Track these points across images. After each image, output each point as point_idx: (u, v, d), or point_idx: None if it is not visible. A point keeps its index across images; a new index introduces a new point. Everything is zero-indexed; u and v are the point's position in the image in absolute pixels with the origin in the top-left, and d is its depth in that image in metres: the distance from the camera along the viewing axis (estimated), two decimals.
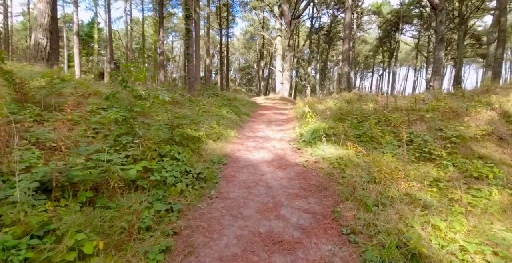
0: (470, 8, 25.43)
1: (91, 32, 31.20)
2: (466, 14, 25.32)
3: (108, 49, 24.21)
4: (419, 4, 31.48)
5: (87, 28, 32.77)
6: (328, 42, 35.81)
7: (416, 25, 34.60)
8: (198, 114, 7.08)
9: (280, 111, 11.26)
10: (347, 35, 14.18)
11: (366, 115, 6.66)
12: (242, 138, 6.59)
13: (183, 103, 8.47)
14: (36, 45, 10.58)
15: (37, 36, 10.66)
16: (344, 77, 14.37)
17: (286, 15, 22.81)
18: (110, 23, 23.41)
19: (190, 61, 11.28)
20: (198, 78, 16.73)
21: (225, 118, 7.81)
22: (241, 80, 53.95)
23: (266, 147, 5.76)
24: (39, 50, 10.57)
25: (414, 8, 32.12)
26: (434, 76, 19.42)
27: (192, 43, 11.39)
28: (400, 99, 8.74)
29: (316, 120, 6.69)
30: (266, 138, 6.65)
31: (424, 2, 31.63)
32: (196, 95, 11.41)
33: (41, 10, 10.40)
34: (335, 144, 5.10)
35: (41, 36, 10.59)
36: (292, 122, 8.68)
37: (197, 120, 6.29)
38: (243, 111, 9.91)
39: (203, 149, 4.97)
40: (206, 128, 6.01)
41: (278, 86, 22.78)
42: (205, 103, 9.02)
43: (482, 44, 33.69)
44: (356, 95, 9.68)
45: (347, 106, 8.24)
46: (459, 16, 25.06)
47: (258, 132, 7.44)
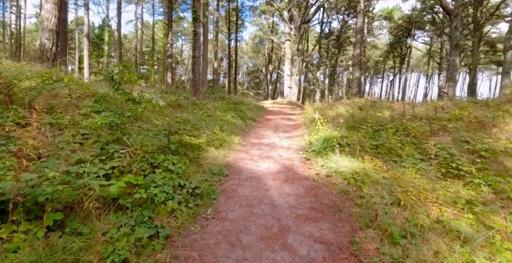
0: (485, 14, 24.59)
1: (102, 34, 31.40)
2: (481, 20, 24.47)
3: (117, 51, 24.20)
4: (432, 10, 30.73)
5: (98, 31, 33.06)
6: (337, 47, 35.24)
7: (428, 31, 33.78)
8: (200, 119, 6.63)
9: (287, 117, 10.75)
10: (358, 39, 13.65)
11: (382, 123, 6.10)
12: (246, 145, 6.10)
13: (187, 107, 8.05)
14: (42, 46, 10.37)
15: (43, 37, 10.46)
16: (355, 82, 13.80)
17: (295, 20, 22.42)
18: (120, 26, 23.42)
19: (196, 64, 10.91)
20: (205, 81, 16.39)
21: (229, 124, 7.35)
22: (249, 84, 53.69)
23: (272, 156, 5.26)
24: (45, 51, 10.35)
25: (427, 14, 31.37)
26: (448, 83, 18.68)
27: (200, 45, 11.03)
28: (417, 107, 8.14)
29: (327, 127, 6.16)
30: (273, 146, 6.14)
31: (436, 8, 30.89)
32: (202, 99, 11.01)
33: (48, 11, 10.20)
34: (349, 156, 4.56)
35: (46, 37, 10.37)
36: (301, 128, 8.16)
37: (199, 125, 5.84)
38: (249, 116, 9.44)
39: (203, 158, 4.50)
40: (208, 134, 5.55)
41: (286, 91, 22.30)
42: (209, 107, 8.59)
43: (496, 51, 32.62)
44: (369, 102, 9.11)
45: (360, 113, 7.69)
46: (474, 22, 24.22)
47: (264, 138, 6.94)
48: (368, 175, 3.78)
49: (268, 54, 37.39)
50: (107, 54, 30.70)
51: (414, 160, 4.49)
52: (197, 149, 4.61)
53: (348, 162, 4.37)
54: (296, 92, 23.18)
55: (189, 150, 4.40)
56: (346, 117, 7.54)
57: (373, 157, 4.56)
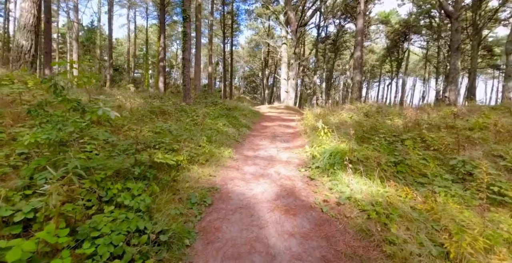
0: (483, 18, 24.18)
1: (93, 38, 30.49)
2: (480, 24, 24.01)
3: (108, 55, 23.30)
4: (428, 14, 30.36)
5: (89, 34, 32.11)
6: (334, 51, 34.68)
7: (425, 35, 33.39)
8: (186, 128, 5.70)
9: (285, 123, 9.86)
10: (359, 41, 12.89)
11: (396, 133, 5.22)
12: (238, 159, 5.17)
13: (173, 114, 7.12)
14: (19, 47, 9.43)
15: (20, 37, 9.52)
16: (356, 86, 13.00)
17: (292, 23, 21.74)
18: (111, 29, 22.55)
19: (186, 67, 10.02)
20: (198, 86, 15.50)
21: (220, 133, 6.43)
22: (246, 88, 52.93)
23: (268, 174, 4.33)
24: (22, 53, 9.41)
25: (423, 18, 30.98)
26: (449, 87, 18.03)
27: (190, 47, 10.16)
28: (427, 113, 7.31)
29: (332, 138, 5.27)
30: (269, 160, 5.22)
31: (433, 12, 30.55)
32: (192, 104, 10.09)
33: (26, 9, 9.28)
34: (364, 176, 3.65)
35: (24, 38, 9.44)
36: (301, 137, 7.26)
37: (182, 137, 4.91)
38: (243, 123, 8.53)
39: (181, 180, 3.56)
40: (192, 148, 4.62)
41: (283, 95, 21.50)
42: (199, 114, 7.67)
43: (494, 55, 32.29)
44: (374, 107, 8.26)
45: (367, 120, 6.82)
46: (473, 26, 23.75)
47: (260, 150, 6.03)
48: (394, 206, 2.87)
49: (265, 58, 36.71)
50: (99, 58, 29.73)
51: (444, 181, 3.60)
52: (175, 169, 3.68)
53: (364, 184, 3.47)
54: (293, 96, 22.38)
55: (163, 172, 3.46)
56: (351, 125, 6.67)
57: (393, 177, 3.67)
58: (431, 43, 34.63)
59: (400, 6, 32.97)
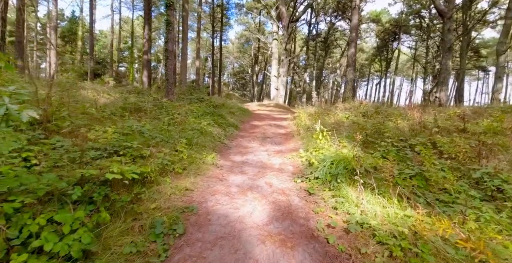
0: (473, 19, 24.17)
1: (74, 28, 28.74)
2: (470, 24, 23.99)
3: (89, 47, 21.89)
4: (418, 14, 30.26)
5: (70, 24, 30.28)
6: (324, 49, 34.22)
7: (414, 35, 33.37)
8: (162, 128, 4.86)
9: (276, 123, 9.13)
10: (353, 38, 12.27)
11: (403, 137, 4.57)
12: (223, 166, 4.40)
13: (150, 111, 6.25)
14: None
15: None
16: (349, 84, 12.41)
17: (284, 18, 20.96)
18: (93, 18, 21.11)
19: (170, 59, 9.10)
20: (184, 81, 14.53)
21: (203, 134, 5.62)
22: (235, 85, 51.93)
23: (258, 187, 3.58)
24: None
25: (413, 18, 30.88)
26: (440, 87, 17.77)
27: (173, 37, 9.23)
28: (429, 114, 6.74)
29: (331, 142, 4.57)
30: (260, 166, 4.47)
31: (423, 12, 30.47)
32: (176, 100, 9.20)
33: None
34: (376, 193, 2.96)
35: None
36: (294, 139, 6.55)
37: (155, 140, 4.08)
38: (230, 122, 7.73)
39: (147, 199, 2.76)
40: (167, 153, 3.80)
41: (273, 92, 20.77)
42: (181, 111, 6.82)
43: (480, 56, 32.63)
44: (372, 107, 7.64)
45: (366, 121, 6.17)
46: (463, 26, 23.68)
47: (248, 154, 5.27)
48: (422, 239, 2.18)
49: (255, 54, 35.84)
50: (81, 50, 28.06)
51: (471, 199, 2.95)
52: (139, 184, 2.87)
53: (377, 204, 2.77)
54: (284, 94, 21.70)
55: (122, 189, 2.65)
56: (350, 126, 6.01)
57: (410, 194, 3.00)
58: (420, 43, 34.70)
59: (391, 6, 32.74)
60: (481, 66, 35.05)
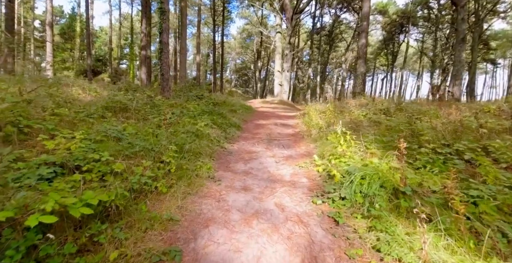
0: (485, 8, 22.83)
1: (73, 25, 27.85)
2: (481, 14, 22.67)
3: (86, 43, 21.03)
4: (426, 5, 28.86)
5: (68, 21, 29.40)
6: (329, 43, 32.98)
7: (421, 27, 31.96)
8: (148, 132, 3.97)
9: (282, 121, 8.22)
10: (364, 27, 11.24)
11: (445, 141, 3.65)
12: (222, 179, 3.52)
13: (139, 111, 5.37)
14: None
15: None
16: (360, 78, 11.41)
17: (287, 9, 19.86)
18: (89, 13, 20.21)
19: (164, 52, 8.20)
20: (183, 77, 13.63)
21: (200, 137, 4.73)
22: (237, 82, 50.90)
23: (267, 211, 2.70)
24: None
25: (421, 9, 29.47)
26: (453, 81, 16.68)
27: (168, 28, 8.30)
28: (462, 111, 5.79)
29: (355, 148, 3.66)
30: (266, 179, 3.59)
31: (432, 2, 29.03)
32: (172, 98, 8.33)
33: None
34: (438, 230, 2.06)
35: None
36: (304, 141, 5.64)
37: (134, 148, 3.21)
38: (232, 122, 6.83)
39: (108, 243, 1.90)
40: (149, 166, 2.93)
41: (277, 88, 19.81)
42: (175, 111, 5.93)
43: (490, 49, 31.17)
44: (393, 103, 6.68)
45: (389, 120, 5.24)
46: (475, 16, 22.36)
47: (252, 161, 4.38)
48: None
49: (257, 49, 34.74)
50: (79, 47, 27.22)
51: None
52: (97, 220, 2.00)
53: (445, 249, 1.88)
54: (288, 90, 20.72)
55: (69, 230, 1.78)
56: (370, 126, 5.09)
57: (479, 228, 2.10)
58: (427, 36, 33.30)
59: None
60: (490, 59, 33.55)
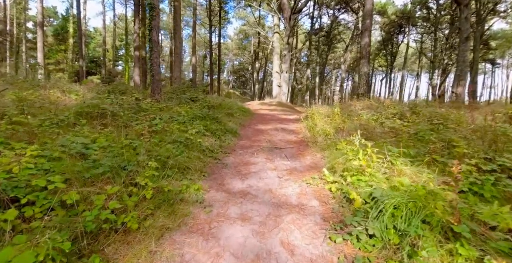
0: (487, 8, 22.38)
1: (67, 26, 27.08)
2: (483, 13, 22.21)
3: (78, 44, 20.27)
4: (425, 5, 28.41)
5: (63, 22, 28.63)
6: (327, 44, 32.44)
7: (420, 28, 31.48)
8: (123, 144, 3.27)
9: (283, 126, 7.53)
10: (367, 25, 10.62)
11: (485, 154, 2.98)
12: (213, 203, 2.82)
13: (121, 117, 4.66)
14: None
15: None
16: (363, 79, 10.78)
17: (285, 9, 19.25)
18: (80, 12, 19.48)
19: (154, 51, 7.51)
20: (177, 78, 12.93)
21: (189, 147, 4.04)
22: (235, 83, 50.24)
23: (270, 254, 2.00)
24: None
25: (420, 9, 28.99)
26: (457, 81, 16.13)
27: (158, 25, 7.61)
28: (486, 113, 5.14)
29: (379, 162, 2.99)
30: (269, 202, 2.90)
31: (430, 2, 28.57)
32: (163, 101, 7.63)
33: None
34: None
35: None
36: (309, 150, 4.96)
37: (103, 167, 2.51)
38: (228, 128, 6.13)
39: None
40: (113, 195, 2.23)
41: (275, 90, 19.16)
42: (164, 116, 5.23)
43: (489, 49, 30.75)
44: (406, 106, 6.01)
45: (407, 126, 4.57)
46: (477, 16, 21.88)
47: (251, 176, 3.69)
48: None
49: (255, 50, 34.11)
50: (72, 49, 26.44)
51: None
52: None
53: None
54: (286, 91, 20.07)
55: None
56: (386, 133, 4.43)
57: None
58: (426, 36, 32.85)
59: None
60: (490, 59, 33.18)
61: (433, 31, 28.97)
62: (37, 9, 22.12)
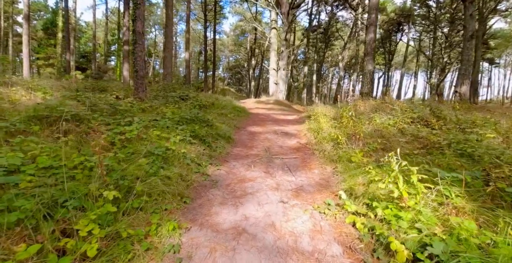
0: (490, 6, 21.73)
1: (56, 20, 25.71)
2: (485, 12, 21.55)
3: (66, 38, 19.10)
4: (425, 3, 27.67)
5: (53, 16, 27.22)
6: (325, 42, 31.60)
7: (419, 26, 30.77)
8: (72, 161, 2.40)
9: (283, 128, 6.70)
10: (372, 20, 9.79)
11: None
12: (193, 249, 1.98)
13: (89, 121, 3.77)
14: None
15: None
16: (367, 77, 9.98)
17: (283, 4, 18.32)
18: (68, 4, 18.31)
19: (138, 44, 6.59)
20: (168, 74, 11.98)
21: (169, 161, 3.18)
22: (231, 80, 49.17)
23: None
24: None
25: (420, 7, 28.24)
26: (461, 80, 15.46)
27: (143, 15, 6.66)
28: None
29: (425, 196, 2.18)
30: (271, 248, 2.07)
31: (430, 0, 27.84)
32: (149, 100, 6.72)
33: None
34: None
35: None
36: (315, 159, 4.14)
37: (20, 211, 1.65)
38: (221, 132, 5.26)
39: None
40: (29, 259, 1.39)
41: (272, 87, 18.29)
42: (143, 120, 4.35)
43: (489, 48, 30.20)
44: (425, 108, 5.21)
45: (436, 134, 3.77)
46: (479, 14, 21.21)
47: (246, 200, 2.85)
48: None
49: (251, 47, 33.09)
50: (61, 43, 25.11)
51: None
52: None
53: None
54: (284, 89, 19.23)
55: None
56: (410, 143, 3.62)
57: None
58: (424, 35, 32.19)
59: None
60: (489, 58, 32.68)
61: (432, 29, 28.31)
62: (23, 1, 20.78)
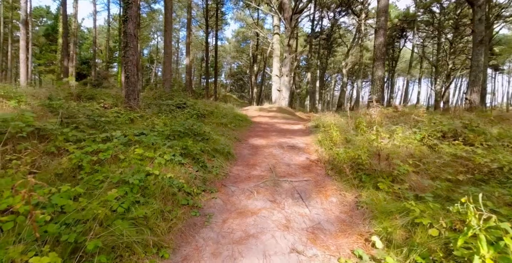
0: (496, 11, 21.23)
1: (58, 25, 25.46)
2: (491, 17, 21.02)
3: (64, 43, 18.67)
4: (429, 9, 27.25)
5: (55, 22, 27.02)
6: (328, 48, 31.17)
7: (423, 32, 30.28)
8: (9, 203, 1.71)
9: (289, 141, 5.98)
10: (382, 23, 9.18)
11: None
12: None
13: (58, 135, 3.09)
14: None
15: None
16: (377, 84, 9.32)
17: (286, 9, 17.86)
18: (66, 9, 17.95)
19: (128, 47, 5.98)
20: (167, 81, 11.37)
21: (148, 193, 2.48)
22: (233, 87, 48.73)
23: None
24: None
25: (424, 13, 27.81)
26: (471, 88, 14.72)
27: (134, 16, 6.06)
28: None
29: None
30: None
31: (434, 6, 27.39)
32: (141, 109, 6.06)
33: None
34: None
35: None
36: (330, 182, 3.42)
37: None
38: (219, 147, 4.53)
39: None
40: None
41: (275, 94, 17.68)
42: (128, 132, 3.66)
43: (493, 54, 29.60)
44: (456, 119, 4.49)
45: (481, 155, 3.05)
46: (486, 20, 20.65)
47: (247, 249, 2.13)
48: None
49: (253, 53, 32.65)
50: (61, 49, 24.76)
51: None
52: None
53: None
54: (287, 96, 18.56)
55: None
56: (448, 164, 2.91)
57: None
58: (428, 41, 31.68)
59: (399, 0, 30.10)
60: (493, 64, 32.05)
61: (436, 35, 27.80)
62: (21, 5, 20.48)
